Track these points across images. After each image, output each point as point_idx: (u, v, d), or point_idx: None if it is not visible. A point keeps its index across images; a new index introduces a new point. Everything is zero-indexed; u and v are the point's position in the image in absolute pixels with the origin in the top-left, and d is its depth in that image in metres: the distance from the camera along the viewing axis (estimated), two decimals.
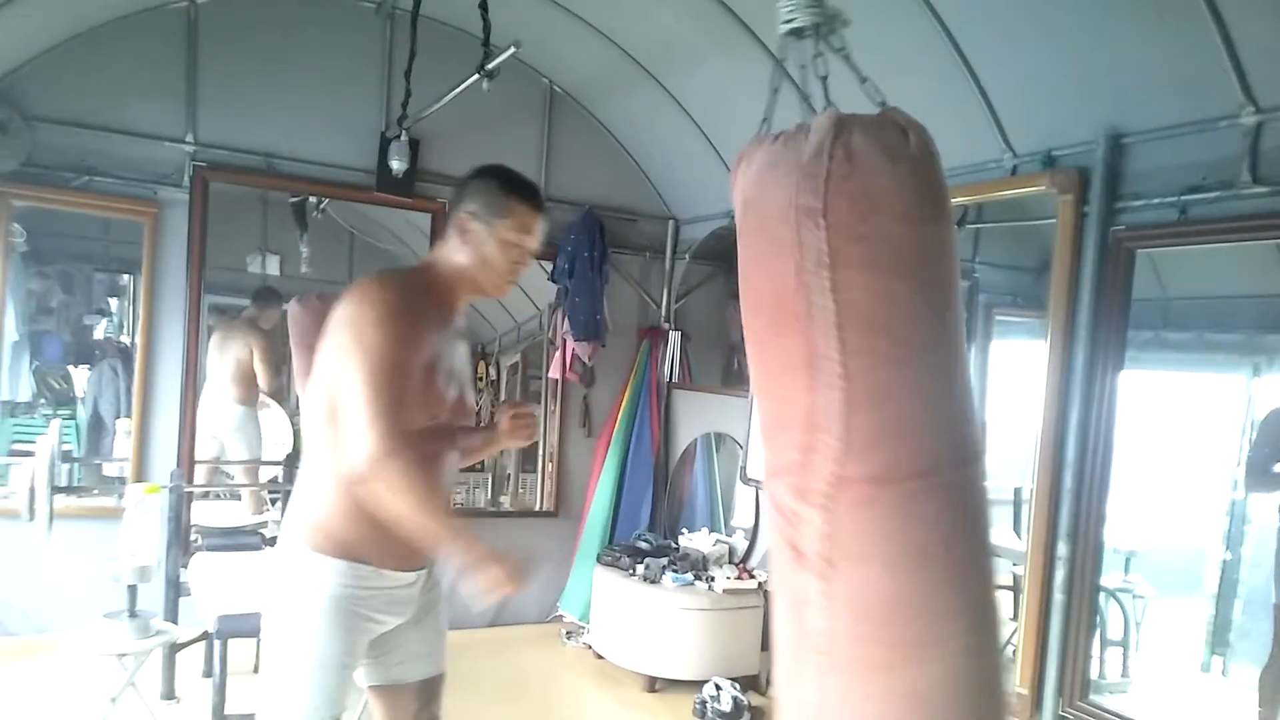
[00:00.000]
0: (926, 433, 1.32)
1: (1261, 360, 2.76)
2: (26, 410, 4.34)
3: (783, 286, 1.32)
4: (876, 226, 1.28)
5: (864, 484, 1.30)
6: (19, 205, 3.91)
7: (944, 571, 1.33)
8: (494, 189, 1.88)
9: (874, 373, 1.30)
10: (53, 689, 3.43)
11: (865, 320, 1.29)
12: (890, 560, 1.31)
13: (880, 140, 1.30)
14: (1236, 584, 2.83)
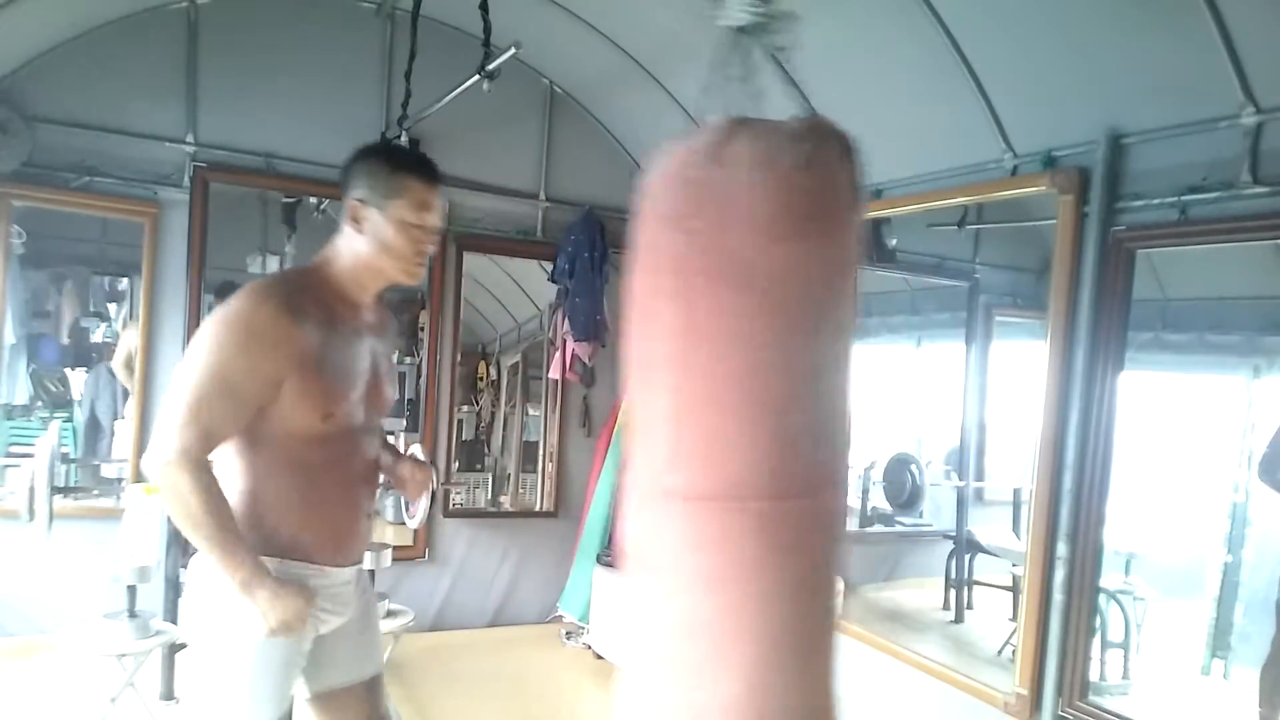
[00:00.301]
0: (739, 457, 1.27)
1: (1261, 362, 2.76)
2: (23, 413, 4.34)
3: (644, 289, 1.31)
4: (732, 238, 1.24)
5: (674, 496, 1.29)
6: (19, 206, 3.91)
7: (739, 599, 1.28)
8: (380, 168, 1.76)
9: (699, 386, 1.27)
10: (53, 689, 3.42)
11: (702, 333, 1.25)
12: (687, 579, 1.29)
13: (758, 148, 1.24)
14: (1237, 587, 2.83)
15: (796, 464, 1.29)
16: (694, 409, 1.27)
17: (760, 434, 1.27)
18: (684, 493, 1.28)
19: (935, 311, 4.43)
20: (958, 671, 3.17)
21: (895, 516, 4.50)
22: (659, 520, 1.31)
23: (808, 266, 1.27)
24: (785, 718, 1.32)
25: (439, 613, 4.64)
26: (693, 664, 1.30)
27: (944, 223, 3.62)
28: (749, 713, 1.29)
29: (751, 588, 1.28)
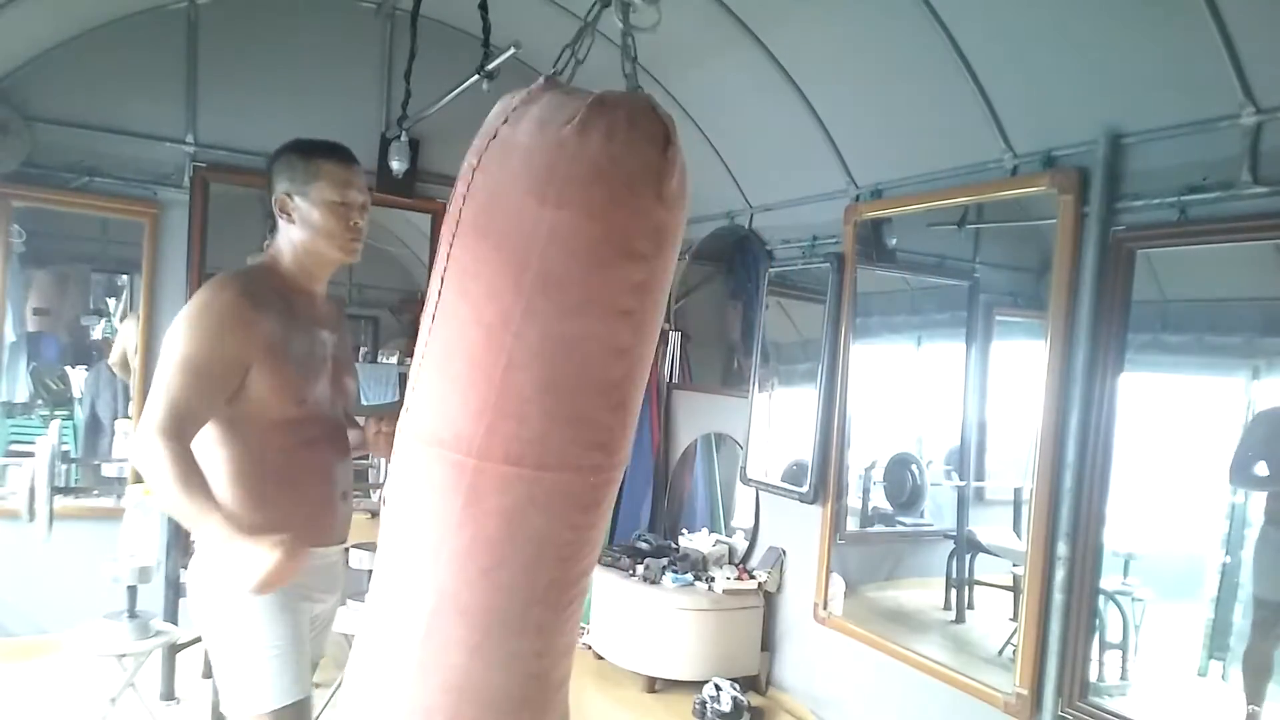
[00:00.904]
0: (460, 406, 1.29)
1: (1261, 363, 2.75)
2: (24, 411, 4.34)
3: (442, 234, 1.38)
4: (501, 195, 1.26)
5: (410, 435, 1.37)
6: (19, 205, 3.91)
7: (425, 548, 1.36)
8: (295, 159, 1.88)
9: (446, 333, 1.31)
10: (53, 689, 3.43)
11: (458, 282, 1.30)
12: (395, 519, 1.39)
13: (549, 111, 1.25)
14: (1236, 588, 2.82)
15: (520, 431, 1.28)
16: (442, 354, 1.31)
17: (490, 389, 1.27)
18: (416, 433, 1.36)
19: (935, 311, 4.42)
20: (958, 671, 3.17)
21: (896, 516, 4.49)
22: (398, 458, 1.41)
23: (573, 237, 1.24)
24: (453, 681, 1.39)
25: None
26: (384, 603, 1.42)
27: (944, 222, 3.61)
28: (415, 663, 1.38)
29: (442, 540, 1.34)
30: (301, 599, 1.85)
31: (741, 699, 3.73)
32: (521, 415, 1.28)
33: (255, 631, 1.77)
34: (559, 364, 1.29)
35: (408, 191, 4.29)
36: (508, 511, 1.32)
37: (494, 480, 1.30)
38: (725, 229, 4.57)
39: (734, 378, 5.10)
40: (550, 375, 1.28)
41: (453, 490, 1.31)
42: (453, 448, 1.29)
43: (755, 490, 4.33)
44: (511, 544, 1.33)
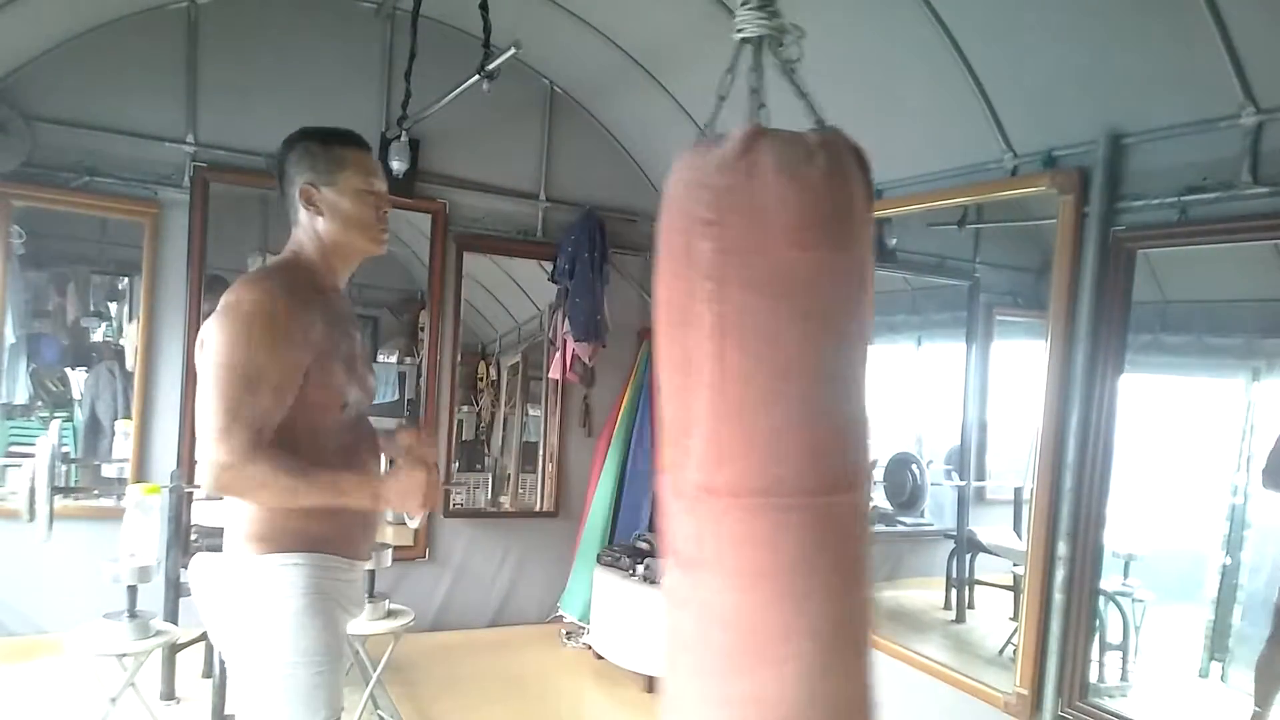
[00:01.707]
0: (779, 454, 1.32)
1: (1261, 364, 2.75)
2: (23, 413, 4.35)
3: (676, 292, 1.35)
4: (762, 245, 1.29)
5: (720, 493, 1.33)
6: (19, 206, 3.91)
7: (783, 591, 1.34)
8: (316, 149, 1.81)
9: (739, 388, 1.31)
10: (53, 689, 3.43)
11: (738, 336, 1.30)
12: (735, 571, 1.34)
13: (783, 159, 1.29)
14: (1236, 589, 2.82)
15: (831, 462, 1.36)
16: (736, 409, 1.32)
17: (799, 433, 1.33)
18: (727, 489, 1.32)
19: (936, 311, 4.43)
20: (959, 671, 3.17)
21: (896, 516, 4.50)
22: (703, 519, 1.35)
23: (832, 274, 1.34)
24: (824, 712, 1.38)
25: (439, 613, 4.64)
26: (735, 657, 1.35)
27: (944, 222, 3.61)
28: (786, 706, 1.34)
29: (791, 583, 1.34)
30: (341, 613, 1.79)
31: None
32: (828, 448, 1.36)
33: (302, 646, 1.68)
34: (847, 394, 1.39)
35: (408, 191, 4.29)
36: (840, 538, 1.39)
37: (822, 515, 1.36)
38: None
39: None
40: (841, 406, 1.38)
41: (787, 533, 1.34)
42: (776, 494, 1.33)
43: None
44: (851, 567, 1.41)
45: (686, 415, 1.37)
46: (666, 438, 1.42)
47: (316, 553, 1.72)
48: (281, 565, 1.70)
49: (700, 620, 1.37)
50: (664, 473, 1.42)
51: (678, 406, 1.39)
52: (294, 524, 1.70)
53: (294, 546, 1.70)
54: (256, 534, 1.72)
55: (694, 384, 1.34)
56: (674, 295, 1.36)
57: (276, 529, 1.70)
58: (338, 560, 1.76)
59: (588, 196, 4.81)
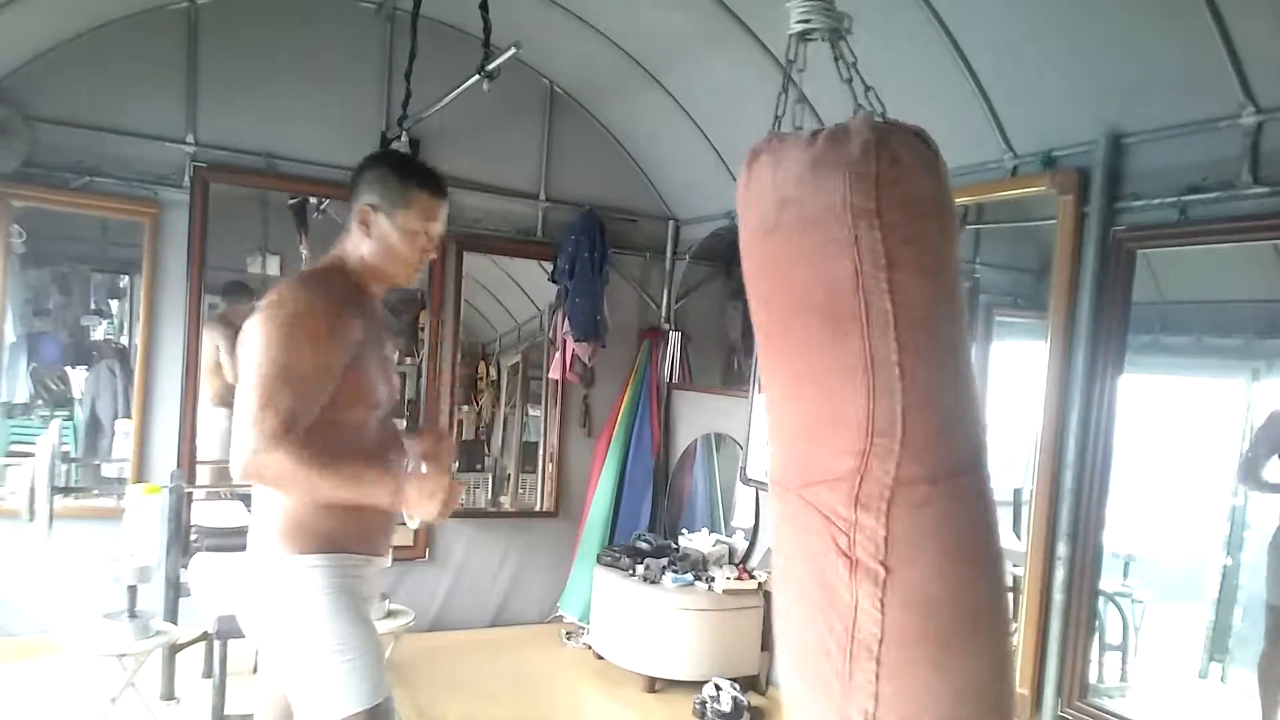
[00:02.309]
0: (964, 431, 1.38)
1: (1261, 365, 2.75)
2: (24, 411, 4.35)
3: (839, 287, 1.31)
4: (922, 230, 1.32)
5: (919, 485, 1.32)
6: (19, 205, 3.91)
7: (979, 566, 1.38)
8: (391, 178, 1.86)
9: (925, 374, 1.32)
10: (53, 689, 3.43)
11: (916, 322, 1.31)
12: (939, 558, 1.34)
13: (915, 148, 1.35)
14: (1236, 590, 2.82)
15: (983, 436, 1.43)
16: (925, 396, 1.32)
17: (973, 408, 1.41)
18: (927, 478, 1.32)
19: None
20: None
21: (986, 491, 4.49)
22: (902, 513, 1.32)
23: (958, 254, 1.41)
24: (1012, 671, 1.50)
25: (439, 613, 4.64)
26: (963, 643, 1.36)
27: None
28: (1006, 678, 1.42)
29: (984, 554, 1.38)
30: (366, 605, 1.88)
31: (741, 699, 3.73)
32: (982, 420, 1.45)
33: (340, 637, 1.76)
34: (972, 367, 1.47)
35: None
36: (996, 515, 1.44)
37: (990, 484, 1.42)
38: (725, 229, 4.56)
39: (734, 378, 5.11)
40: (974, 377, 1.46)
41: (986, 508, 1.40)
42: (973, 469, 1.38)
43: (755, 490, 4.32)
44: (994, 541, 1.44)
45: (859, 416, 1.32)
46: (815, 446, 1.37)
47: (339, 553, 1.80)
48: (310, 566, 1.78)
49: (910, 621, 1.33)
50: (819, 484, 1.37)
51: (839, 408, 1.34)
52: (320, 524, 1.77)
53: (320, 548, 1.78)
54: (284, 534, 1.79)
55: (880, 382, 1.31)
56: (836, 289, 1.31)
57: (304, 529, 1.78)
58: (357, 558, 1.84)
59: (588, 196, 4.81)
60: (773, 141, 1.39)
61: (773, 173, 1.36)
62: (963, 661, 1.36)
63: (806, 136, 1.35)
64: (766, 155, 1.38)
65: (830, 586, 1.36)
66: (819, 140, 1.33)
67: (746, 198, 1.41)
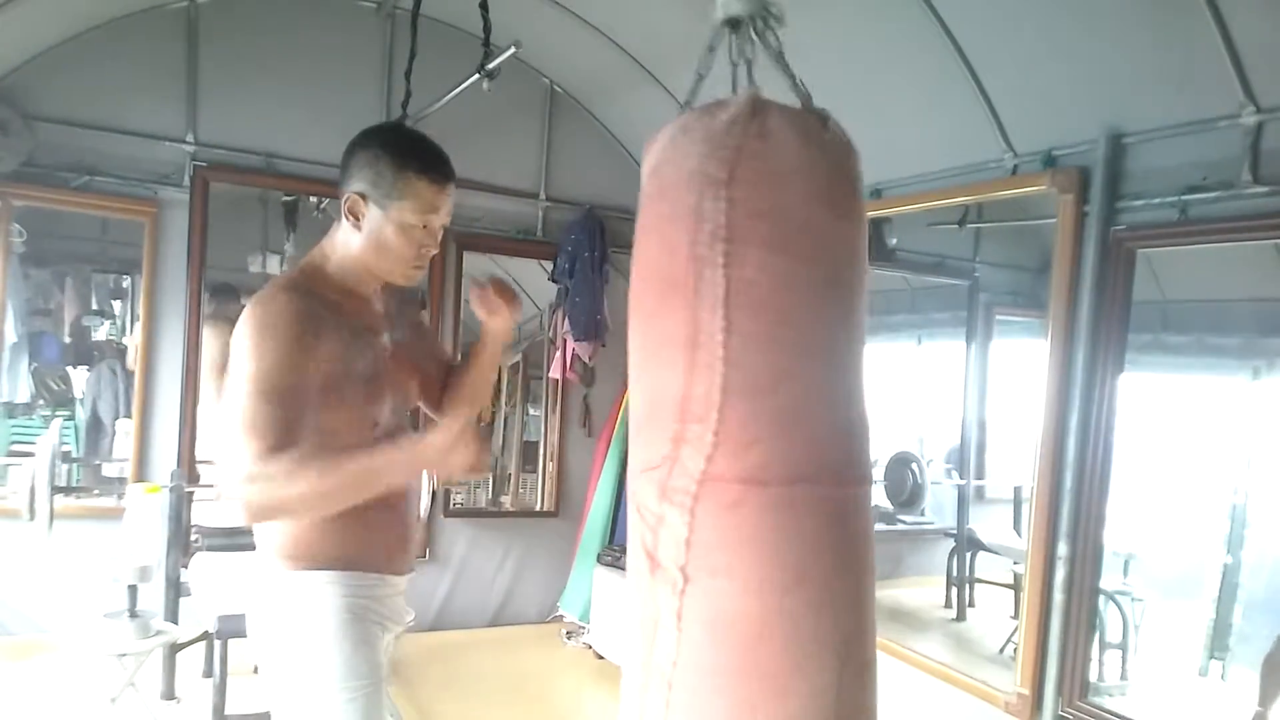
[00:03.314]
0: (814, 434, 1.16)
1: (1261, 363, 2.75)
2: (25, 411, 4.34)
3: (674, 257, 1.19)
4: (784, 205, 1.17)
5: (734, 484, 1.14)
6: (19, 205, 3.91)
7: (818, 595, 1.16)
8: (386, 162, 1.63)
9: (760, 358, 1.14)
10: (53, 689, 3.43)
11: (757, 301, 1.15)
12: (756, 575, 1.14)
13: (797, 122, 1.21)
14: (1236, 588, 2.82)
15: (862, 447, 1.23)
16: (755, 383, 1.15)
17: (837, 415, 1.19)
18: (745, 477, 1.14)
19: (936, 310, 4.43)
20: (959, 670, 3.17)
21: (896, 515, 4.50)
22: (712, 517, 1.15)
23: (855, 247, 1.23)
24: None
25: (439, 613, 4.64)
26: (770, 674, 1.15)
27: (944, 222, 3.61)
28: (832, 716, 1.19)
29: (833, 581, 1.18)
30: (381, 633, 1.72)
31: None
32: (861, 430, 1.23)
33: (339, 668, 1.61)
34: (861, 376, 1.25)
35: None
36: (868, 532, 1.25)
37: (857, 505, 1.22)
38: None
39: None
40: (861, 390, 1.25)
41: (829, 526, 1.18)
42: (816, 481, 1.17)
43: None
44: (873, 563, 1.27)
45: (678, 397, 1.16)
46: (645, 430, 1.22)
47: (348, 571, 1.65)
48: (313, 584, 1.63)
49: (710, 640, 1.15)
50: (642, 472, 1.22)
51: (664, 388, 1.19)
52: (326, 540, 1.62)
53: (325, 564, 1.63)
54: (288, 550, 1.64)
55: (702, 361, 1.15)
56: (673, 262, 1.18)
57: (308, 544, 1.63)
58: (370, 577, 1.69)
59: (588, 196, 4.81)
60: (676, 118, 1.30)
61: (654, 144, 1.29)
62: (778, 705, 1.14)
63: (685, 112, 1.28)
64: (663, 129, 1.29)
65: (640, 591, 1.21)
66: (693, 111, 1.26)
67: (643, 172, 1.34)
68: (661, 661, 1.18)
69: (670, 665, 1.17)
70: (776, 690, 1.15)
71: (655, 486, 1.19)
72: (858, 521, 1.22)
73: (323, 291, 1.63)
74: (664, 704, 1.17)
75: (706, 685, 1.16)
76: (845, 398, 1.21)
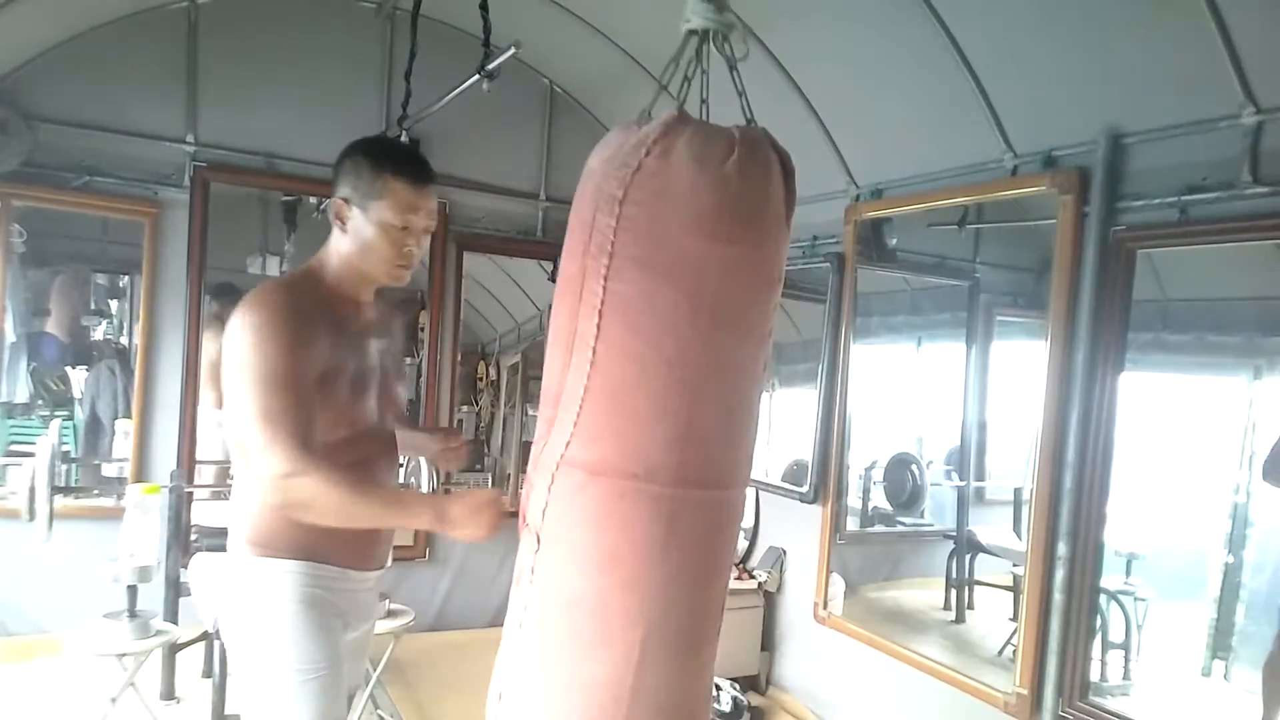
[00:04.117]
0: (651, 440, 1.31)
1: (1262, 363, 2.75)
2: (24, 411, 4.34)
3: (571, 265, 1.35)
4: (665, 229, 1.28)
5: (580, 469, 1.32)
6: (19, 205, 3.91)
7: (629, 579, 1.32)
8: (364, 167, 1.72)
9: (619, 367, 1.31)
10: (53, 689, 3.43)
11: (625, 316, 1.30)
12: (581, 550, 1.33)
13: (701, 147, 1.28)
14: (1238, 588, 2.82)
15: (706, 456, 1.35)
16: (616, 388, 1.31)
17: (678, 421, 1.31)
18: (588, 466, 1.32)
19: (936, 311, 4.42)
20: (958, 671, 3.17)
21: (896, 516, 4.50)
22: (561, 494, 1.34)
23: (737, 269, 1.32)
24: (662, 700, 1.37)
25: (439, 613, 4.64)
26: (582, 638, 1.34)
27: (944, 222, 3.61)
28: (628, 692, 1.33)
29: (648, 569, 1.33)
30: (340, 625, 1.76)
31: (741, 699, 3.73)
32: (709, 441, 1.35)
33: (293, 652, 1.67)
34: (737, 391, 1.38)
35: None
36: (707, 533, 1.39)
37: (692, 506, 1.35)
38: None
39: None
40: (730, 403, 1.37)
41: (652, 520, 1.32)
42: (647, 479, 1.31)
43: (755, 490, 4.32)
44: (712, 563, 1.41)
45: (558, 388, 1.35)
46: (541, 407, 1.42)
47: (309, 561, 1.70)
48: (273, 571, 1.69)
49: (546, 597, 1.36)
50: (534, 441, 1.43)
51: (552, 379, 1.38)
52: (291, 530, 1.67)
53: (287, 553, 1.69)
54: (253, 537, 1.71)
55: (576, 360, 1.33)
56: (570, 269, 1.35)
57: (274, 534, 1.69)
58: (330, 569, 1.74)
59: None
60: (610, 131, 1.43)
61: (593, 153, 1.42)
62: (583, 665, 1.33)
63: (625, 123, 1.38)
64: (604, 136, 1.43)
65: (519, 543, 1.44)
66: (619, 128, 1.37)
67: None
68: (519, 604, 1.41)
69: (523, 609, 1.40)
70: (584, 652, 1.34)
71: (534, 457, 1.40)
72: (689, 521, 1.35)
73: (314, 292, 1.71)
74: (518, 643, 1.40)
75: (539, 635, 1.38)
76: (708, 412, 1.33)
